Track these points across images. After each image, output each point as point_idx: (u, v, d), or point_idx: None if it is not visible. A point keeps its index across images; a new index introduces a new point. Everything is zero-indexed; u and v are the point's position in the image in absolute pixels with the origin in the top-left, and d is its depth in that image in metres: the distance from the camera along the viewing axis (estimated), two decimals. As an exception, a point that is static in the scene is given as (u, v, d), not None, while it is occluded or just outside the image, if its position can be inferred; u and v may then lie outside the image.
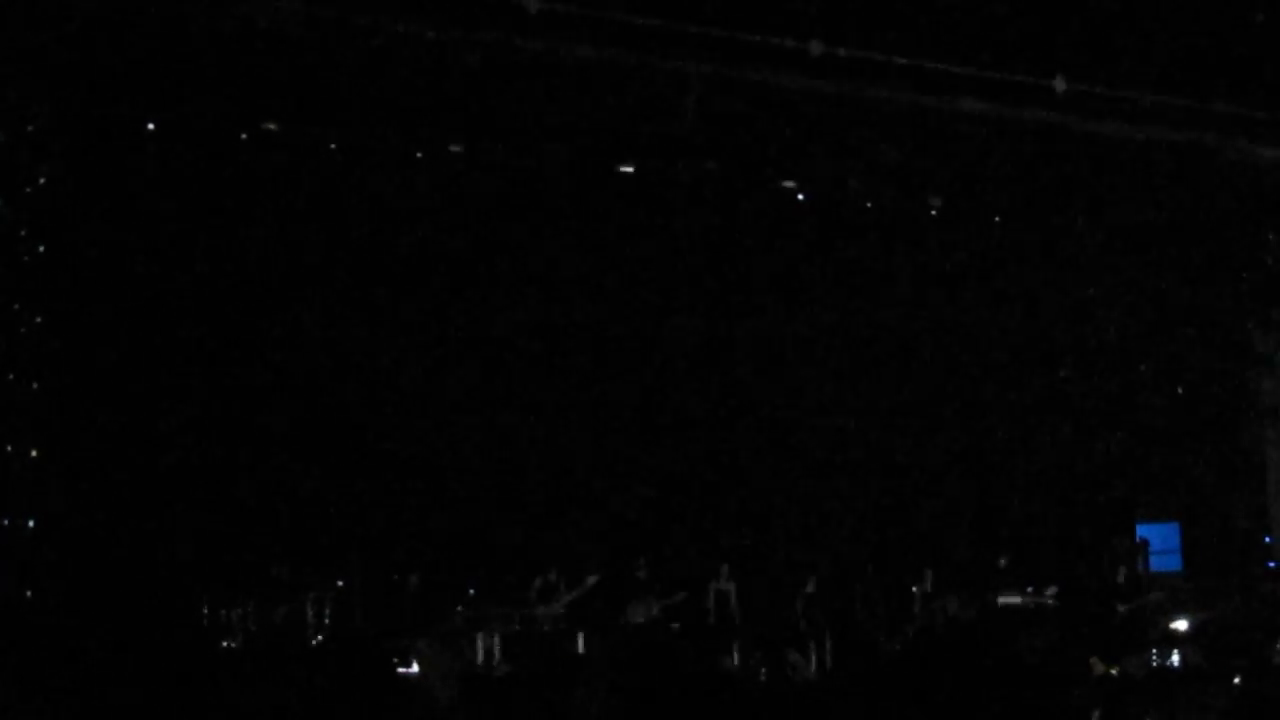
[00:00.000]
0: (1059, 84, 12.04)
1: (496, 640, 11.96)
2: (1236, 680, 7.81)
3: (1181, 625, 14.07)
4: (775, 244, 14.56)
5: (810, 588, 13.46)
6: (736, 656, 12.15)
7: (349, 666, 8.26)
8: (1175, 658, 11.48)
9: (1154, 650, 11.87)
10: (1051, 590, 13.71)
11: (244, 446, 12.38)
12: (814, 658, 12.68)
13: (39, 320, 11.25)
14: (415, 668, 9.08)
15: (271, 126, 12.21)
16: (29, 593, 10.87)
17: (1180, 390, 15.96)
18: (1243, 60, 12.18)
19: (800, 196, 14.46)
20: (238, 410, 12.43)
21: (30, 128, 11.35)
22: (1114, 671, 9.68)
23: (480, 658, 11.80)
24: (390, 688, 8.09)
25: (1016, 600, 13.65)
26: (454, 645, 9.02)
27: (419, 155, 12.98)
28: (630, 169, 13.49)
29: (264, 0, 10.32)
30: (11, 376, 11.02)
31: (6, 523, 10.86)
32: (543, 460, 13.87)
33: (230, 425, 12.35)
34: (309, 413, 12.75)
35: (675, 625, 12.75)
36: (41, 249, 11.29)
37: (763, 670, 7.35)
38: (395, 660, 9.71)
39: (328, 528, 12.60)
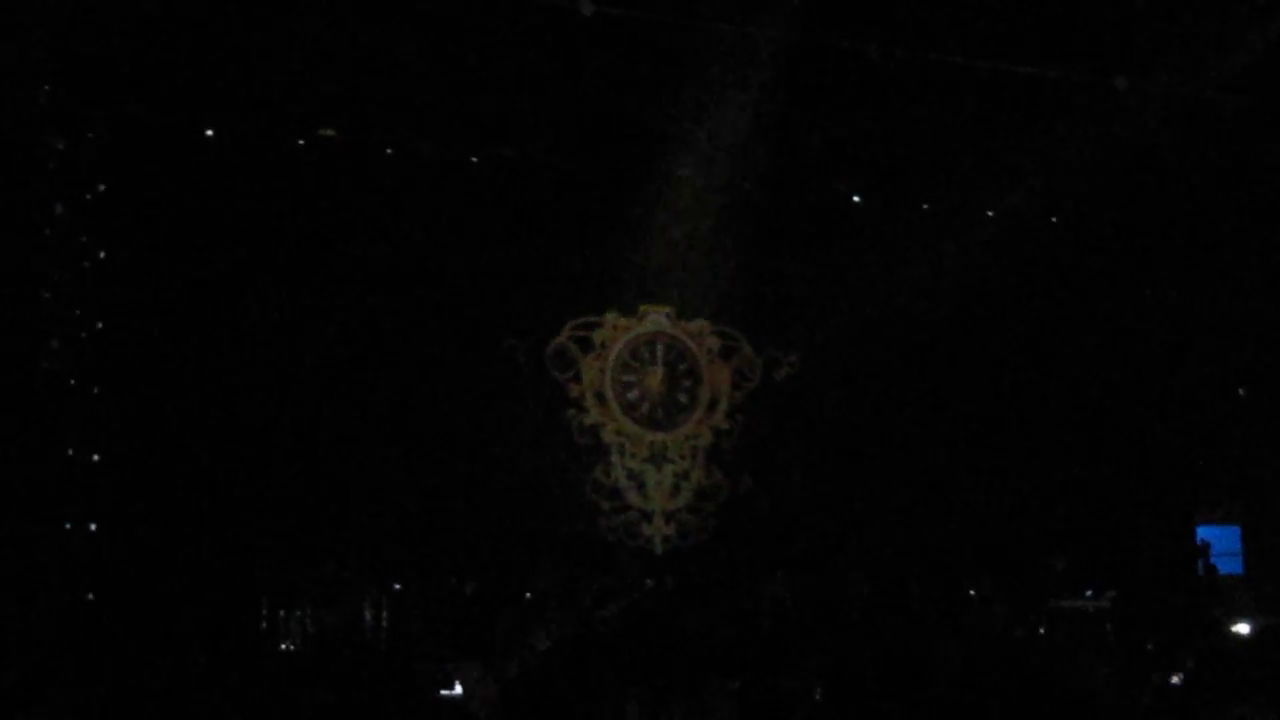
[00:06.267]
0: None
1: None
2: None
3: (1244, 629, 13.88)
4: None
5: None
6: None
7: (391, 685, 8.31)
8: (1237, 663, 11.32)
9: (1215, 655, 11.69)
10: (1110, 594, 13.56)
11: (305, 449, 12.46)
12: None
13: (99, 326, 11.37)
14: (458, 689, 9.08)
15: (329, 133, 12.26)
16: (90, 595, 10.99)
17: (1242, 390, 15.72)
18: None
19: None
20: (299, 413, 12.48)
21: (90, 134, 11.46)
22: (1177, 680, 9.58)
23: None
24: (430, 709, 8.14)
25: (1074, 604, 13.51)
26: (498, 672, 9.01)
27: (474, 160, 13.00)
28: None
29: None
30: (72, 382, 11.14)
31: (68, 526, 10.98)
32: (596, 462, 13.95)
33: (291, 428, 12.42)
34: (372, 416, 12.82)
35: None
36: (101, 255, 11.41)
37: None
38: (438, 678, 9.70)
39: (385, 531, 12.65)
